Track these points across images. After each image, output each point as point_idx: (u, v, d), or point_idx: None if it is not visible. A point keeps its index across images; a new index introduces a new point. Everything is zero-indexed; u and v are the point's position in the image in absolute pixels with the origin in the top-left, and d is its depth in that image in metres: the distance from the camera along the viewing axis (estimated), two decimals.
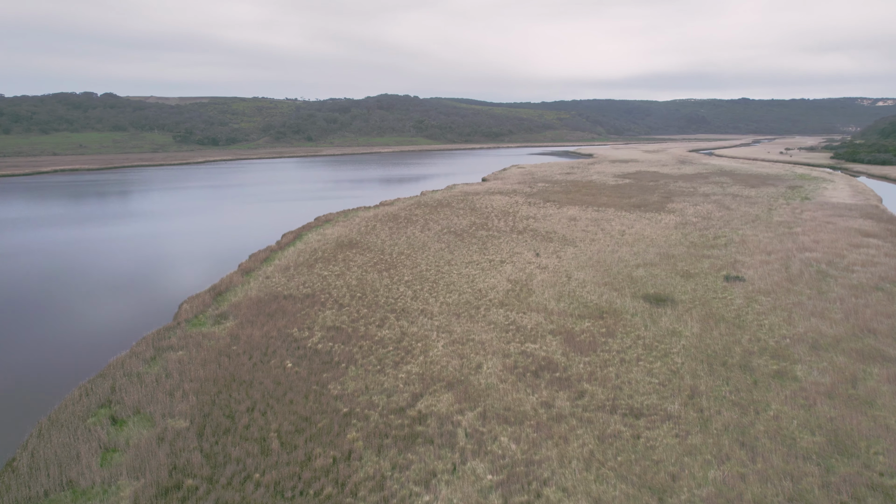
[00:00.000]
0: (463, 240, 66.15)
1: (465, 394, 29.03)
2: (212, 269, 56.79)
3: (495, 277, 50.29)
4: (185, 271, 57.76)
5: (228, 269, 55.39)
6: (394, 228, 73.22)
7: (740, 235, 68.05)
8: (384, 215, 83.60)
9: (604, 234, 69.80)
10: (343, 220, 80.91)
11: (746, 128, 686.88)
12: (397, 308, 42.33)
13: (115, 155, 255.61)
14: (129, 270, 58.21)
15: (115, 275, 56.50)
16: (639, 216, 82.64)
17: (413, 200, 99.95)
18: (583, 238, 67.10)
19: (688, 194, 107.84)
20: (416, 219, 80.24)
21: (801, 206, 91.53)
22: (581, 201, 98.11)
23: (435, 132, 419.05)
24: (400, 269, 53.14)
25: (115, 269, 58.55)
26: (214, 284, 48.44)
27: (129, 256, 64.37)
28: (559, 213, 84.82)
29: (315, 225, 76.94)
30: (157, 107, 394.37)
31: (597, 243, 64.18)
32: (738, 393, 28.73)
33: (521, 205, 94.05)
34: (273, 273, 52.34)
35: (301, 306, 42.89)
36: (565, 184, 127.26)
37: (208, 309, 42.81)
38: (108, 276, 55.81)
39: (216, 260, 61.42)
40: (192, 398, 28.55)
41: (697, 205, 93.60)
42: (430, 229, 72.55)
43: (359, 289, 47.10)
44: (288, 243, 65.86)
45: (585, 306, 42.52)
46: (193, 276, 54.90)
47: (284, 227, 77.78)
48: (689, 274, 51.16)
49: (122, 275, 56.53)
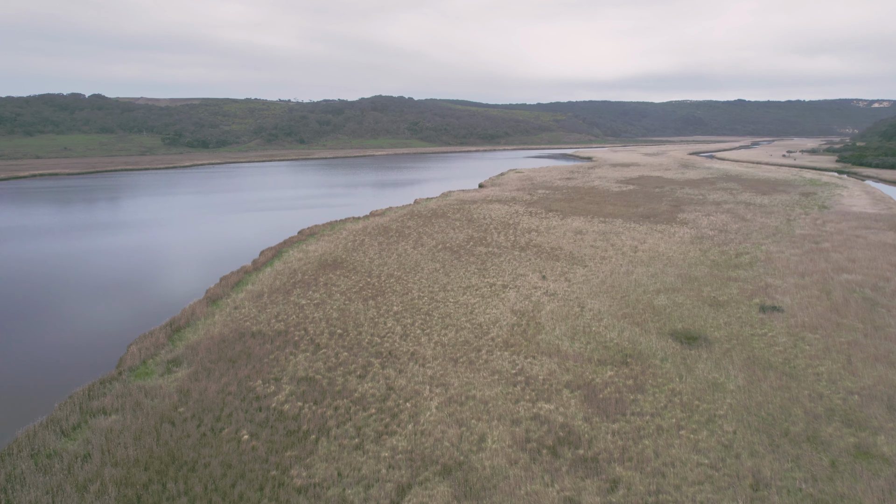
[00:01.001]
0: (460, 258, 59.75)
1: (465, 484, 22.61)
2: (176, 295, 50.16)
3: (497, 307, 43.89)
4: (144, 299, 50.90)
5: (195, 295, 48.80)
6: (384, 244, 66.73)
7: (764, 252, 61.93)
8: (374, 228, 77.11)
9: (614, 250, 63.53)
10: (329, 233, 74.33)
11: (743, 129, 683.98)
12: (383, 350, 35.86)
13: (100, 158, 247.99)
14: (78, 297, 51.41)
15: (59, 302, 49.75)
16: (650, 229, 76.43)
17: (406, 210, 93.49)
18: (592, 256, 60.80)
19: (698, 202, 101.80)
20: (408, 232, 73.78)
21: (821, 216, 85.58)
22: (586, 211, 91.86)
23: (430, 134, 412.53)
24: (388, 297, 46.67)
25: (61, 295, 51.77)
26: (174, 318, 41.77)
27: (83, 279, 57.52)
28: (563, 225, 78.51)
29: (298, 240, 70.31)
30: (147, 108, 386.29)
31: (608, 262, 57.89)
32: (815, 482, 22.40)
33: (521, 215, 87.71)
34: (243, 302, 45.76)
35: (271, 347, 36.37)
36: (567, 190, 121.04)
37: (161, 351, 36.22)
38: (50, 303, 49.05)
39: (183, 283, 54.78)
40: (111, 493, 21.98)
41: (710, 215, 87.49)
42: (424, 245, 66.10)
43: (340, 323, 40.61)
44: (266, 262, 59.28)
45: (605, 347, 36.17)
46: (153, 305, 48.21)
47: (265, 242, 71.20)
48: (717, 302, 44.91)
49: (68, 303, 49.77)
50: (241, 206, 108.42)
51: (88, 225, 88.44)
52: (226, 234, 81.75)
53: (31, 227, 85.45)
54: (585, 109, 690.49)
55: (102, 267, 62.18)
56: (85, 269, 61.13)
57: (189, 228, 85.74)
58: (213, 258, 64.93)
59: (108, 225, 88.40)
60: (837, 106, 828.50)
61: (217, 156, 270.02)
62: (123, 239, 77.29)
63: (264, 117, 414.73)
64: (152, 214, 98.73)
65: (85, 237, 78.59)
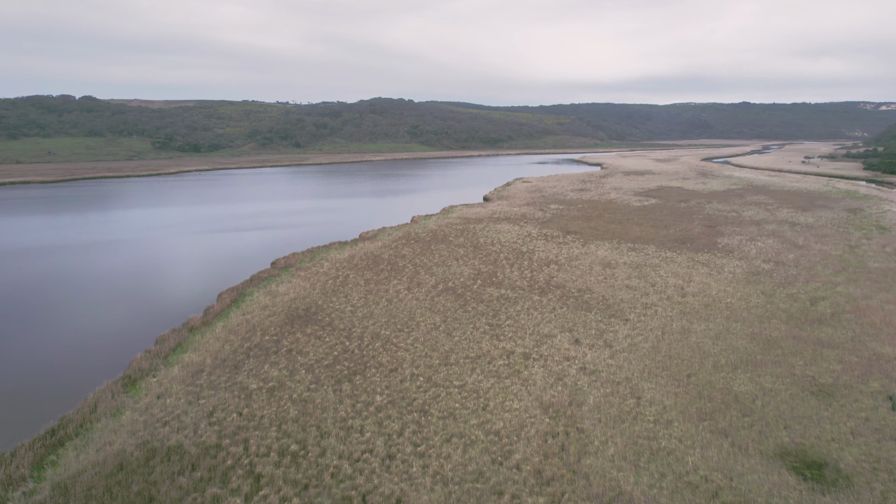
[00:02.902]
0: (466, 306, 47.48)
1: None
2: (83, 372, 37.47)
3: (521, 397, 31.62)
4: (35, 385, 37.55)
5: (111, 371, 36.48)
6: (371, 283, 54.50)
7: (845, 297, 49.62)
8: (362, 258, 64.89)
9: (656, 293, 51.26)
10: (308, 265, 62.10)
11: (750, 133, 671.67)
12: (354, 495, 23.57)
13: (83, 163, 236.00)
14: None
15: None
16: (690, 259, 64.16)
17: (401, 232, 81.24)
18: (631, 303, 48.50)
19: (734, 221, 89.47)
20: (402, 264, 61.57)
21: (884, 240, 73.23)
22: (609, 233, 79.56)
23: (430, 138, 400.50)
24: (370, 375, 34.43)
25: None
26: (53, 428, 28.98)
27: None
28: (587, 254, 66.25)
29: (268, 276, 58.05)
30: (139, 111, 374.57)
31: (654, 314, 45.61)
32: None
33: (535, 239, 75.44)
34: (172, 384, 33.50)
35: (186, 483, 24.14)
36: (582, 206, 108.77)
37: (19, 487, 23.98)
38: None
39: (101, 349, 42.05)
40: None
41: (755, 239, 75.17)
42: (421, 284, 53.84)
43: (297, 430, 28.35)
44: (221, 312, 47.04)
45: (690, 486, 23.89)
46: (43, 396, 35.80)
47: (229, 276, 59.10)
48: (822, 389, 32.61)
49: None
50: (215, 224, 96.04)
51: (23, 250, 76.01)
52: (185, 264, 69.43)
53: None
54: (588, 112, 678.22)
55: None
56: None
57: (144, 256, 73.22)
58: (157, 304, 52.58)
59: (45, 250, 75.79)
60: (844, 108, 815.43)
61: (207, 161, 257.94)
62: (53, 271, 64.72)
63: (260, 120, 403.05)
64: (109, 235, 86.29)
65: (8, 262, 66.26)
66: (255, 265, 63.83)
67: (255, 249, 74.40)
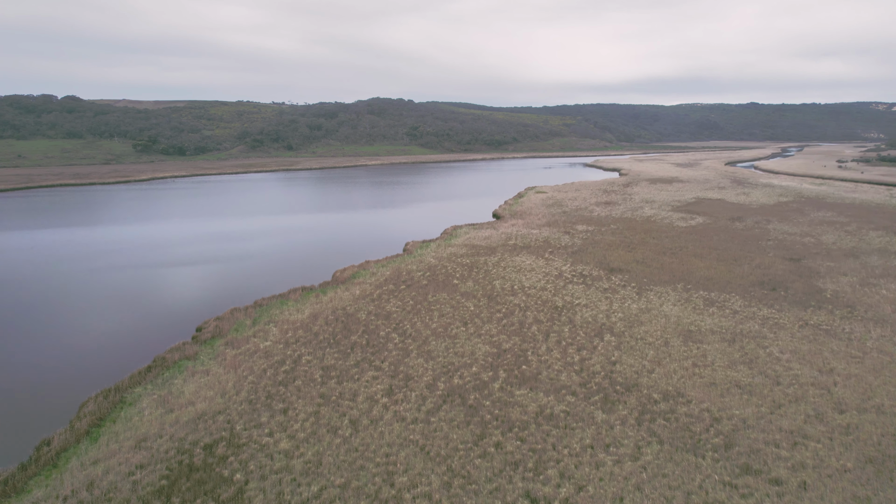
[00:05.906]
0: (483, 439, 27.55)
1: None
2: None
3: None
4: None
5: None
6: (333, 377, 34.56)
7: None
8: (328, 319, 44.96)
9: (792, 402, 31.26)
10: (245, 334, 42.13)
11: (761, 134, 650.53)
12: None
13: (52, 168, 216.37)
14: None
15: None
16: (802, 323, 44.06)
17: (389, 269, 61.27)
18: (763, 430, 28.49)
19: (820, 253, 69.36)
20: (384, 334, 41.65)
21: None
22: (666, 271, 59.48)
23: (431, 140, 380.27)
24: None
25: None
26: None
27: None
28: (650, 313, 46.23)
29: (179, 359, 38.00)
30: (122, 112, 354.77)
31: (815, 462, 25.57)
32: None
33: (570, 282, 55.49)
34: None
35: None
36: (616, 226, 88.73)
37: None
38: None
39: None
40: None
41: (870, 283, 55.14)
42: (411, 383, 33.90)
43: None
44: (62, 451, 27.13)
45: None
46: None
47: (115, 359, 39.26)
48: None
49: None
50: (136, 255, 73.13)
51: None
52: (51, 332, 49.44)
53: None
54: (594, 113, 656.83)
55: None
56: None
57: (11, 328, 53.46)
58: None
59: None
60: (857, 109, 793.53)
61: (187, 166, 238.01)
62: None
63: (253, 121, 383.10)
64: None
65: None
66: (169, 334, 43.89)
67: (178, 301, 53.98)
